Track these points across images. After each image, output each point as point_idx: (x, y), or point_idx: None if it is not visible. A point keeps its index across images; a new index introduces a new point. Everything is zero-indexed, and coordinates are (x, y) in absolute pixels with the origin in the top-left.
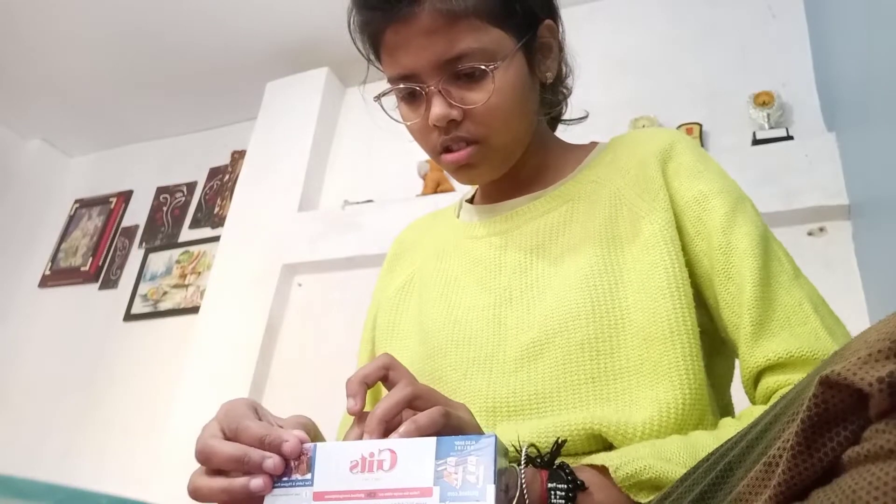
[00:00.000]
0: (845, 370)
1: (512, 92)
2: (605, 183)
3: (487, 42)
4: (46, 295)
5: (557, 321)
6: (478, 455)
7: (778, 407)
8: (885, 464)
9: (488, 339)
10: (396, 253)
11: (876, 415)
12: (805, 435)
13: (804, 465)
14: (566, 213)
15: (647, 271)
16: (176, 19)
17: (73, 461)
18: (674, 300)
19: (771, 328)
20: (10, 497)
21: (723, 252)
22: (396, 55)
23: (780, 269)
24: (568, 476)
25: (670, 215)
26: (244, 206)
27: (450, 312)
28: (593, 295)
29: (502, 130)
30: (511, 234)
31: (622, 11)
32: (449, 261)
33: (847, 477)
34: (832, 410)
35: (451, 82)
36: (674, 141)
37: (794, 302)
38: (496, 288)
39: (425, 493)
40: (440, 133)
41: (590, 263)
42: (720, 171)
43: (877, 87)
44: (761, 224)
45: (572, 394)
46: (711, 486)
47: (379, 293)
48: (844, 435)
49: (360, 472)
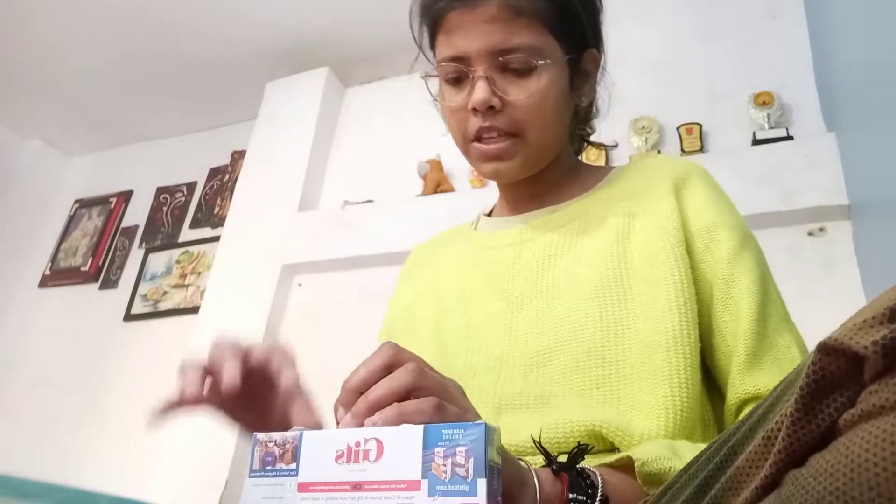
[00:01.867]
0: (842, 335)
1: (552, 95)
2: (618, 202)
3: (541, 43)
4: (46, 295)
5: (568, 329)
6: (467, 445)
7: (778, 389)
8: (876, 420)
9: (498, 343)
10: (414, 262)
11: (871, 377)
12: (804, 401)
13: (802, 432)
14: (579, 227)
15: (654, 285)
16: (176, 19)
17: (73, 461)
18: (680, 313)
19: (762, 363)
20: (10, 497)
21: (725, 283)
22: (453, 37)
23: (774, 311)
24: (588, 486)
25: (681, 236)
26: (244, 206)
27: (465, 318)
28: (602, 305)
29: (538, 128)
30: (525, 245)
31: (622, 11)
32: (466, 270)
33: (843, 438)
34: (829, 377)
35: (498, 72)
36: (690, 171)
37: (784, 344)
38: (509, 294)
39: (413, 486)
40: (477, 119)
41: (600, 275)
42: (732, 206)
43: (877, 87)
44: (763, 264)
45: (577, 397)
46: (715, 472)
47: (396, 300)
48: (841, 401)
49: (345, 463)
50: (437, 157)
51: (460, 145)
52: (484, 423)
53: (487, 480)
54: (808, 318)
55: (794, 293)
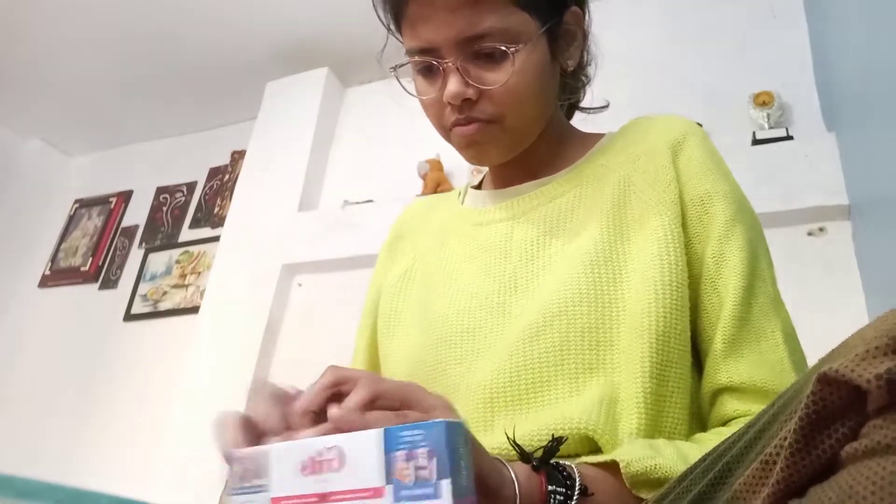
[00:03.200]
0: (843, 367)
1: (531, 76)
2: (614, 168)
3: (511, 23)
4: (46, 295)
5: (558, 305)
6: (428, 446)
7: (776, 406)
8: (882, 458)
9: (492, 328)
10: (396, 236)
11: (874, 411)
12: (803, 432)
13: (802, 463)
14: (574, 198)
15: (647, 263)
16: (176, 19)
17: (73, 461)
18: (672, 298)
19: (741, 349)
20: (10, 497)
21: (715, 262)
22: (417, 27)
23: (763, 290)
24: (565, 478)
25: (678, 210)
26: (244, 206)
27: (454, 301)
28: (597, 282)
29: (516, 114)
30: (518, 221)
31: (622, 11)
32: (453, 247)
33: (844, 473)
34: (830, 407)
35: (469, 61)
36: (687, 133)
37: (769, 328)
38: (501, 275)
39: (377, 493)
40: (453, 111)
41: (595, 250)
42: (727, 172)
43: (877, 87)
44: (756, 239)
45: (569, 382)
46: (710, 487)
47: (379, 277)
48: (842, 432)
49: (311, 475)
50: (437, 157)
51: (442, 135)
52: (444, 422)
53: (452, 480)
54: (807, 318)
55: (794, 293)
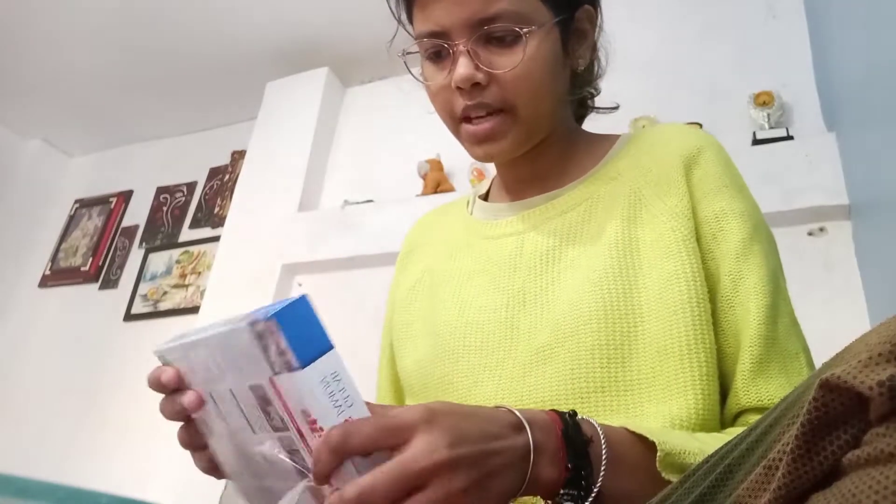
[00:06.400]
0: (845, 373)
1: (543, 63)
2: (625, 180)
3: (524, 7)
4: (46, 295)
5: (569, 324)
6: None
7: (778, 410)
8: (885, 467)
9: (500, 343)
10: (408, 251)
11: (876, 418)
12: (805, 438)
13: (804, 469)
14: (584, 212)
15: (665, 279)
16: (176, 19)
17: (73, 461)
18: (693, 315)
19: (769, 371)
20: (10, 496)
21: (731, 280)
22: (429, 9)
23: (785, 310)
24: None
25: (692, 225)
26: (244, 206)
27: (462, 314)
28: (607, 298)
29: (529, 101)
30: (527, 235)
31: (622, 11)
32: (462, 260)
33: (847, 480)
34: (832, 414)
35: (480, 44)
36: (702, 147)
37: (793, 350)
38: (510, 289)
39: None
40: (462, 97)
41: (605, 266)
42: (744, 187)
43: (877, 87)
44: (774, 258)
45: (580, 403)
46: (711, 489)
47: (393, 292)
48: (845, 438)
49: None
50: (437, 157)
51: (450, 127)
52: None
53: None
54: (808, 318)
55: (794, 293)
